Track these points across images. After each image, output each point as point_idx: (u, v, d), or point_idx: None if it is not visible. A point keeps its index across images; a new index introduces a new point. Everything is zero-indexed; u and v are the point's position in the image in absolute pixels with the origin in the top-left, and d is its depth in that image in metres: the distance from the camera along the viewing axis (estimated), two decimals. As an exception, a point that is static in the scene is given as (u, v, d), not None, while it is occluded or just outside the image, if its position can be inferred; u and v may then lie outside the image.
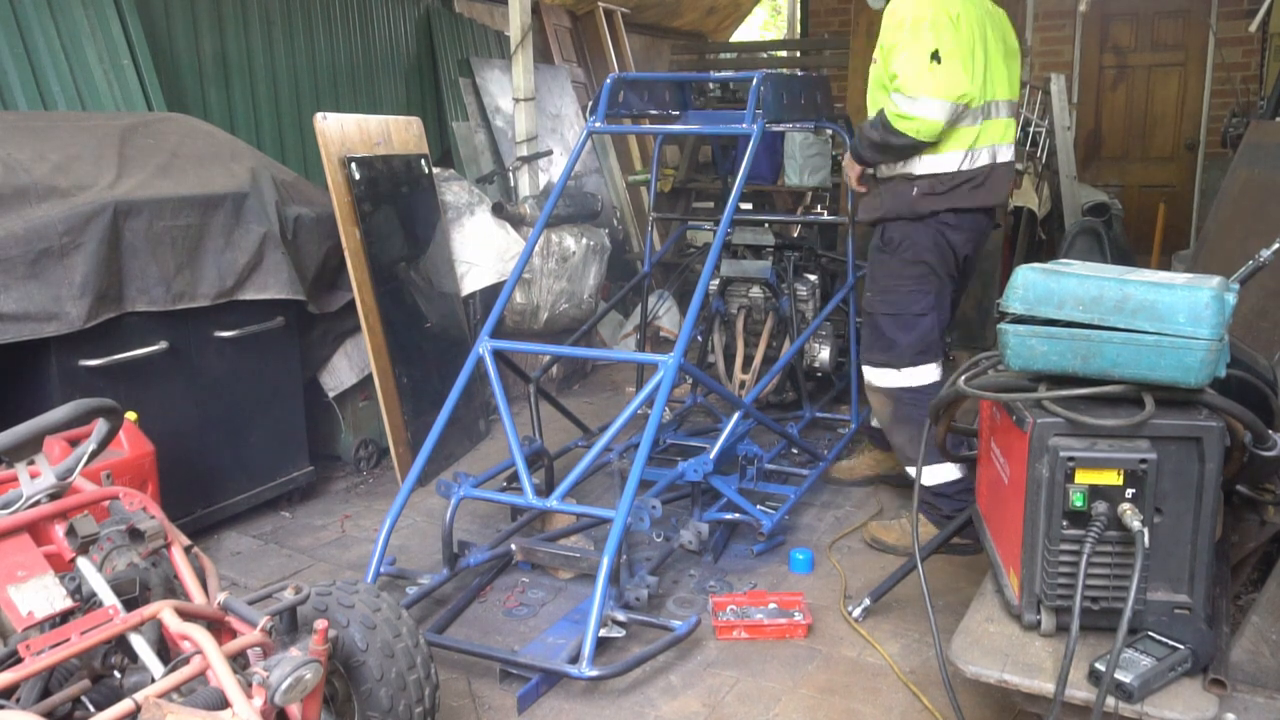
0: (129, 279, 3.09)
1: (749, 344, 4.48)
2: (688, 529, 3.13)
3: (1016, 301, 2.17)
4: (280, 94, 5.12)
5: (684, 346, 3.04)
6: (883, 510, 3.75)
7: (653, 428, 2.96)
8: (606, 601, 2.68)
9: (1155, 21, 8.31)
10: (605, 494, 3.87)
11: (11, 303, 2.78)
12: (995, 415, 2.44)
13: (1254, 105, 6.35)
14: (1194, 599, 2.08)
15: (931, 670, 2.66)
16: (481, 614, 3.04)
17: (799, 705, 2.57)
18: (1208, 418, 2.05)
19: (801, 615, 2.91)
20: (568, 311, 4.99)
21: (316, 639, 1.78)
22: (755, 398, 3.68)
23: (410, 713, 2.05)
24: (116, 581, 1.86)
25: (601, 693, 2.62)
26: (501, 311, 3.40)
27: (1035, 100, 7.05)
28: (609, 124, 3.60)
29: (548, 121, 6.47)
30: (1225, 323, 2.03)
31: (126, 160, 3.23)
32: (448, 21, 6.36)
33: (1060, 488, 2.04)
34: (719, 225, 3.32)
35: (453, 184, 4.82)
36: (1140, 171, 8.56)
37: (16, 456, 1.92)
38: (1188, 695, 1.94)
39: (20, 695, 1.72)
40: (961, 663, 2.10)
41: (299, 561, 3.41)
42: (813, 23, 9.59)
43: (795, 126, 4.35)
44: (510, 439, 3.07)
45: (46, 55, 3.82)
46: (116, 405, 2.03)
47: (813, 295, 4.55)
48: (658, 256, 4.76)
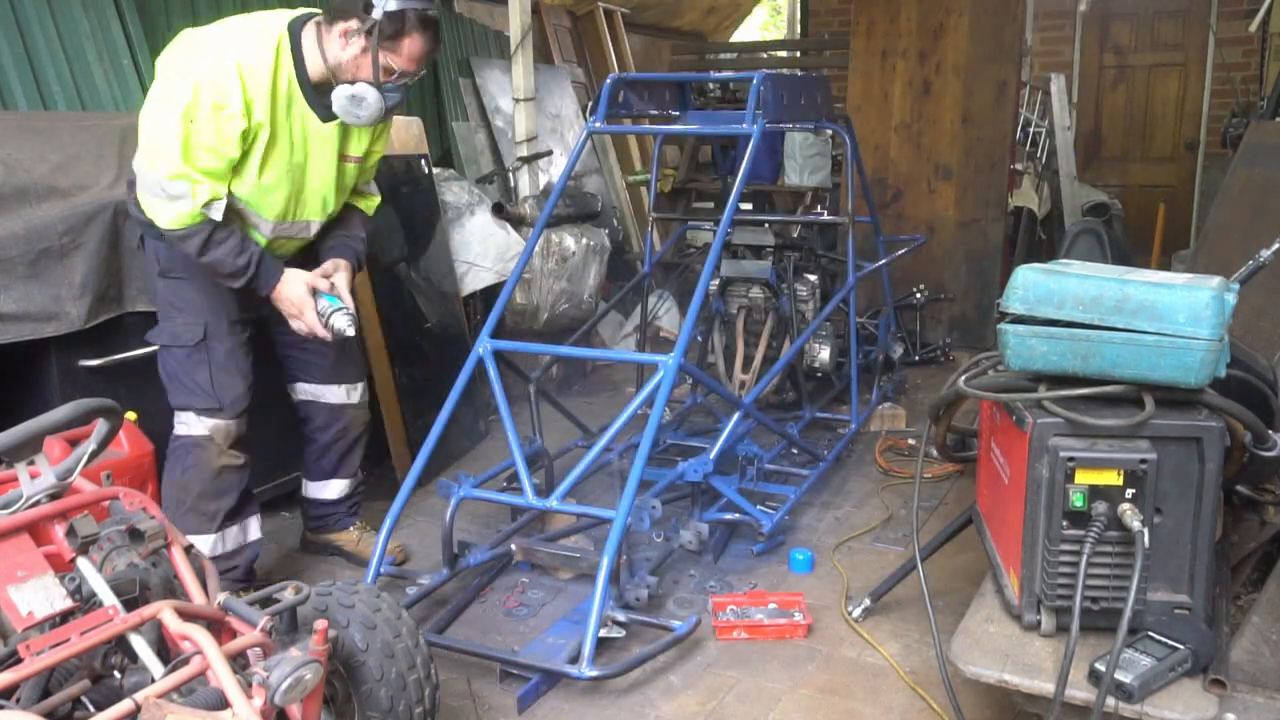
0: (129, 279, 3.09)
1: (749, 344, 4.48)
2: (688, 529, 3.13)
3: (1016, 301, 2.17)
4: (280, 94, 5.11)
5: (684, 346, 3.04)
6: (890, 514, 3.76)
7: (653, 428, 2.96)
8: (606, 601, 2.68)
9: (1155, 21, 8.32)
10: (605, 494, 3.87)
11: (11, 303, 2.78)
12: (995, 415, 2.44)
13: (1254, 105, 6.36)
14: (1194, 599, 2.08)
15: (931, 670, 2.66)
16: (481, 614, 3.04)
17: (799, 705, 2.57)
18: (1208, 418, 2.05)
19: (801, 615, 2.91)
20: (568, 311, 4.99)
21: (316, 639, 1.77)
22: (755, 398, 3.68)
23: (410, 713, 2.05)
24: (116, 582, 1.85)
25: (601, 693, 2.62)
26: (501, 311, 3.40)
27: (1035, 100, 7.06)
28: (609, 124, 3.60)
29: (548, 121, 6.47)
30: (1225, 323, 2.03)
31: (126, 160, 3.22)
32: (448, 21, 6.36)
33: (1060, 488, 2.04)
34: (719, 225, 3.32)
35: (453, 184, 4.82)
36: (1140, 171, 8.57)
37: (16, 456, 1.92)
38: (1188, 695, 1.94)
39: (20, 695, 1.72)
40: (961, 663, 2.10)
41: (299, 562, 3.41)
42: (813, 23, 9.59)
43: (795, 126, 4.36)
44: (510, 439, 3.07)
45: (46, 55, 3.81)
46: (116, 405, 2.03)
47: (813, 295, 4.55)
48: (658, 256, 4.76)
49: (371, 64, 2.61)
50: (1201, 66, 7.94)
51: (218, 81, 2.51)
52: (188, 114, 2.49)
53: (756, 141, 3.33)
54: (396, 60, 2.64)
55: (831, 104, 4.14)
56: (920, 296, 5.86)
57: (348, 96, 2.64)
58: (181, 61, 2.57)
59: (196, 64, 2.54)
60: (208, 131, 2.52)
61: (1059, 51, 8.27)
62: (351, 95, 2.63)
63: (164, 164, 2.53)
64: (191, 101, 2.49)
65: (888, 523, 3.66)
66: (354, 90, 2.63)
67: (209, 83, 2.50)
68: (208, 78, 2.50)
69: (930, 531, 3.23)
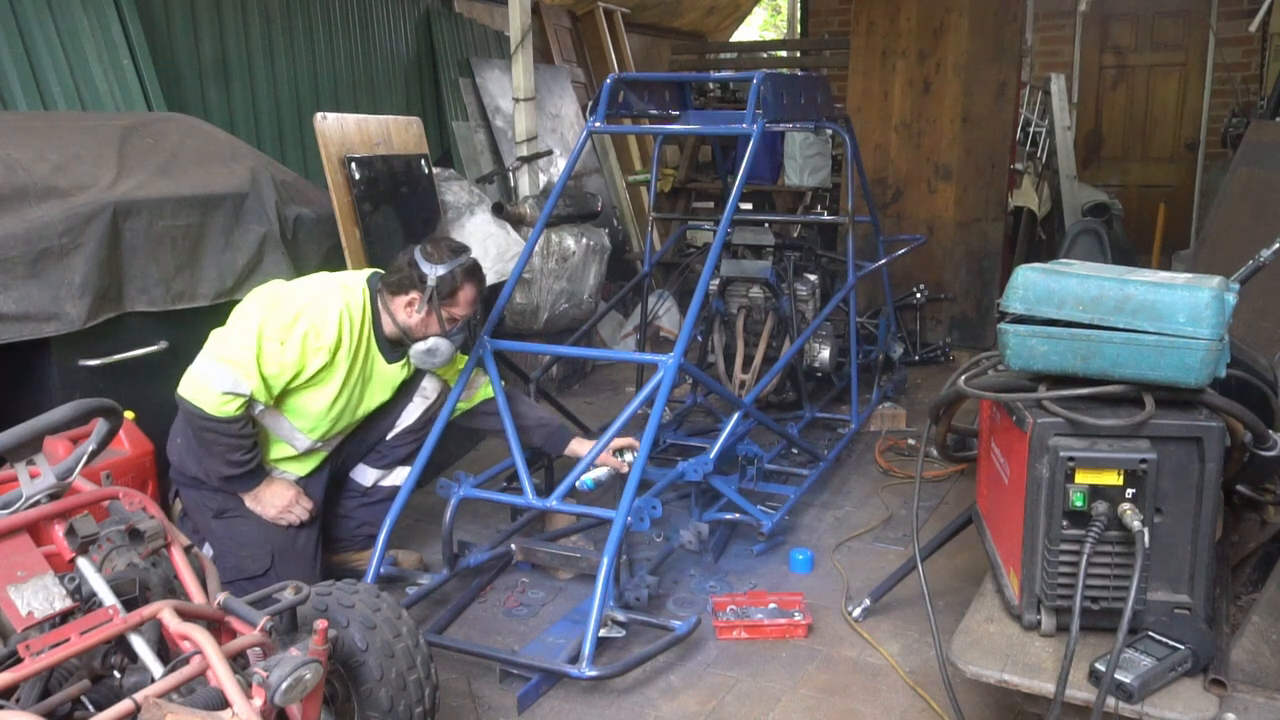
0: (129, 279, 3.09)
1: (749, 344, 4.47)
2: (688, 529, 3.12)
3: (1017, 301, 2.17)
4: (280, 94, 5.12)
5: (684, 346, 3.04)
6: (890, 514, 3.76)
7: (653, 428, 2.96)
8: (606, 601, 2.68)
9: (1155, 21, 8.32)
10: (605, 494, 3.87)
11: (11, 303, 2.78)
12: (995, 415, 2.44)
13: (1254, 105, 6.35)
14: (1194, 599, 2.08)
15: (932, 670, 2.66)
16: (481, 614, 3.04)
17: (799, 705, 2.57)
18: (1208, 418, 2.05)
19: (801, 615, 2.91)
20: (568, 311, 4.99)
21: (316, 639, 1.77)
22: (755, 398, 3.68)
23: (410, 713, 2.05)
24: (116, 581, 1.85)
25: (601, 693, 2.62)
26: (501, 311, 3.40)
27: (1035, 100, 7.05)
28: (609, 124, 3.60)
29: (548, 121, 6.47)
30: (1225, 323, 2.03)
31: (126, 160, 3.22)
32: (448, 21, 6.36)
33: (1060, 488, 2.04)
34: (719, 225, 3.32)
35: (453, 184, 4.82)
36: (1140, 171, 8.57)
37: (16, 456, 1.92)
38: (1188, 695, 1.94)
39: (20, 695, 1.72)
40: (961, 663, 2.10)
41: (299, 561, 3.41)
42: (813, 23, 9.59)
43: (795, 126, 4.35)
44: (510, 439, 3.08)
45: (46, 55, 3.81)
46: (116, 405, 2.03)
47: (813, 295, 4.55)
48: (658, 256, 4.76)
49: (437, 321, 2.98)
50: (1201, 66, 7.93)
51: (317, 318, 2.82)
52: (279, 333, 2.76)
53: (756, 141, 3.33)
54: (456, 310, 3.00)
55: (831, 104, 4.14)
56: (920, 296, 5.86)
57: (424, 351, 3.00)
58: (286, 292, 2.89)
59: (300, 297, 2.86)
60: (292, 352, 2.78)
61: (1059, 51, 8.26)
62: (426, 350, 3.00)
63: (235, 353, 2.73)
64: (288, 324, 2.78)
65: (888, 523, 3.66)
66: (427, 345, 2.99)
67: (310, 315, 2.81)
68: (310, 310, 2.82)
69: (930, 531, 3.23)
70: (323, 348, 2.81)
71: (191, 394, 2.72)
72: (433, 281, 2.90)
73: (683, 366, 3.06)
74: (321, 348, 2.81)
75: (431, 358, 3.01)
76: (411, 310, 2.94)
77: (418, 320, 2.96)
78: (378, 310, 2.99)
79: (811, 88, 3.89)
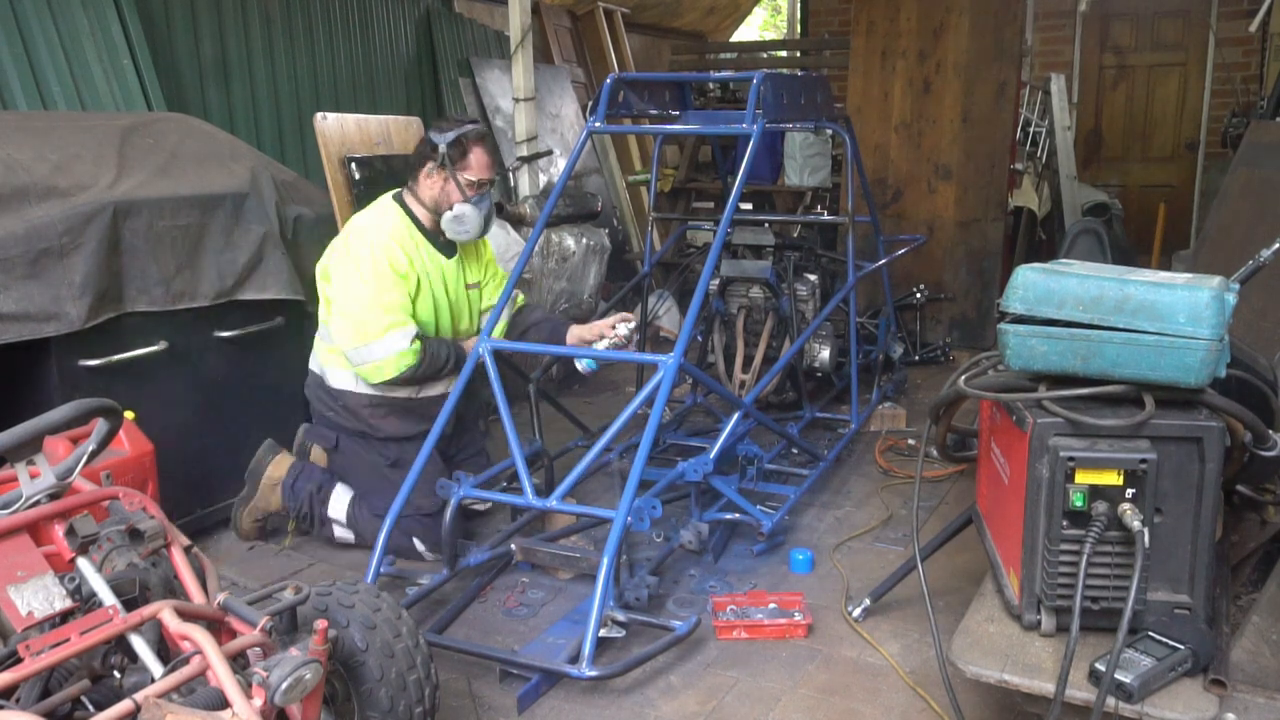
0: (129, 279, 3.09)
1: (749, 344, 4.47)
2: (688, 529, 3.12)
3: (1016, 301, 2.16)
4: (280, 94, 5.12)
5: (684, 346, 3.04)
6: (891, 514, 3.76)
7: (653, 428, 2.96)
8: (606, 601, 2.68)
9: (1155, 21, 8.32)
10: (605, 494, 3.87)
11: (11, 303, 2.78)
12: (995, 415, 2.44)
13: (1254, 105, 6.35)
14: (1194, 599, 2.08)
15: (932, 670, 2.65)
16: (481, 614, 3.04)
17: (799, 705, 2.57)
18: (1208, 418, 2.05)
19: (801, 615, 2.91)
20: (568, 311, 4.99)
21: (316, 639, 1.77)
22: (755, 398, 3.68)
23: (410, 713, 2.05)
24: (116, 581, 1.85)
25: (601, 693, 2.62)
26: (501, 311, 3.39)
27: (1035, 100, 7.06)
28: (609, 124, 3.59)
29: (548, 121, 6.47)
30: (1225, 323, 2.03)
31: (126, 160, 3.23)
32: (448, 21, 6.37)
33: (1060, 488, 2.04)
34: (719, 225, 3.32)
35: (453, 184, 4.82)
36: (1140, 171, 8.58)
37: (16, 456, 1.92)
38: (1188, 695, 1.94)
39: (20, 695, 1.72)
40: (961, 663, 2.10)
41: (299, 561, 3.41)
42: (813, 23, 9.60)
43: (795, 126, 4.35)
44: (510, 439, 3.08)
45: (46, 55, 3.82)
46: (116, 405, 2.03)
47: (813, 295, 4.55)
48: (658, 256, 4.75)
49: (456, 186, 3.24)
50: (1201, 66, 7.93)
51: (389, 251, 3.16)
52: (377, 279, 3.12)
53: (756, 141, 3.32)
54: (469, 174, 3.25)
55: (831, 104, 4.14)
56: (920, 296, 5.86)
57: (451, 219, 3.27)
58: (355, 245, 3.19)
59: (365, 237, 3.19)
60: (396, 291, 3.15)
61: (1059, 51, 8.27)
62: (454, 217, 3.26)
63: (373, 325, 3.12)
64: (380, 254, 3.14)
65: (888, 523, 3.66)
66: (454, 213, 3.26)
67: (382, 253, 3.15)
68: (372, 236, 3.18)
69: (930, 531, 3.23)
70: (406, 273, 3.17)
71: (374, 376, 3.15)
72: (443, 148, 3.18)
73: (683, 366, 3.06)
74: (405, 273, 3.17)
75: (460, 225, 3.25)
76: (430, 182, 3.23)
77: (439, 191, 3.24)
78: (409, 209, 3.29)
79: (811, 88, 3.89)
